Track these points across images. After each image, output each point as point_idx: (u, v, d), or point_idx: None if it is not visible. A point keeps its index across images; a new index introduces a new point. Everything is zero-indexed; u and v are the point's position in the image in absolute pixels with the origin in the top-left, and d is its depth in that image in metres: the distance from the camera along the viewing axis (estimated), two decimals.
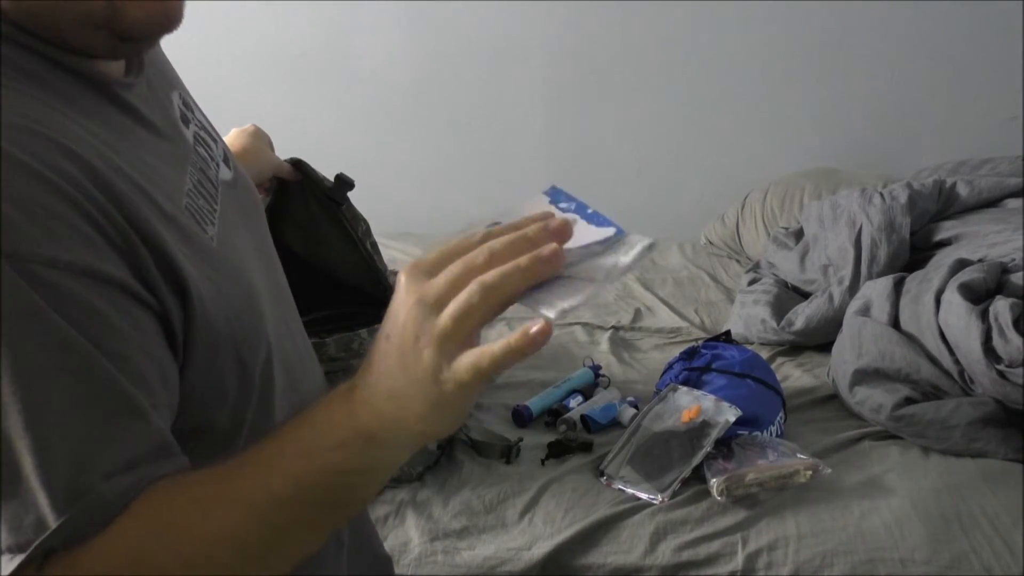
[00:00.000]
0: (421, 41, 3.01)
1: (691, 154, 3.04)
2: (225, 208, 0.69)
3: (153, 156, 0.62)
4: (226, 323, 0.61)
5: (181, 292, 0.57)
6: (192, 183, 0.65)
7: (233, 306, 0.62)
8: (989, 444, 1.50)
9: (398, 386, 0.53)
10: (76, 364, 0.51)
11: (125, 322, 0.54)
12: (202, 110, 0.81)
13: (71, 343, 0.51)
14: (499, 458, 1.50)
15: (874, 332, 1.70)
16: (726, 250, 2.71)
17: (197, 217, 0.62)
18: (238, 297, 0.64)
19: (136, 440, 0.54)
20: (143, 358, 0.55)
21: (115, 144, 0.58)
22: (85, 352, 0.52)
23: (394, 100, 3.09)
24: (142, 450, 0.54)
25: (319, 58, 3.04)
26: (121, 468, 0.53)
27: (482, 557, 1.31)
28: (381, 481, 0.60)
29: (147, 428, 0.55)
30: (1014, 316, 1.53)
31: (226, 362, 0.62)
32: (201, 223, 0.63)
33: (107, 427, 0.53)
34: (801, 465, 1.43)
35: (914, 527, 1.33)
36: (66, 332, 0.51)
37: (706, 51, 2.91)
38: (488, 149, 3.14)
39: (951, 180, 2.14)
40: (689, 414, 1.51)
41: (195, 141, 0.71)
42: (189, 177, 0.65)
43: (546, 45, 2.97)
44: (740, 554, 1.30)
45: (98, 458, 0.52)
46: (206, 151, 0.72)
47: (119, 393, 0.53)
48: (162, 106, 0.68)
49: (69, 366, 0.51)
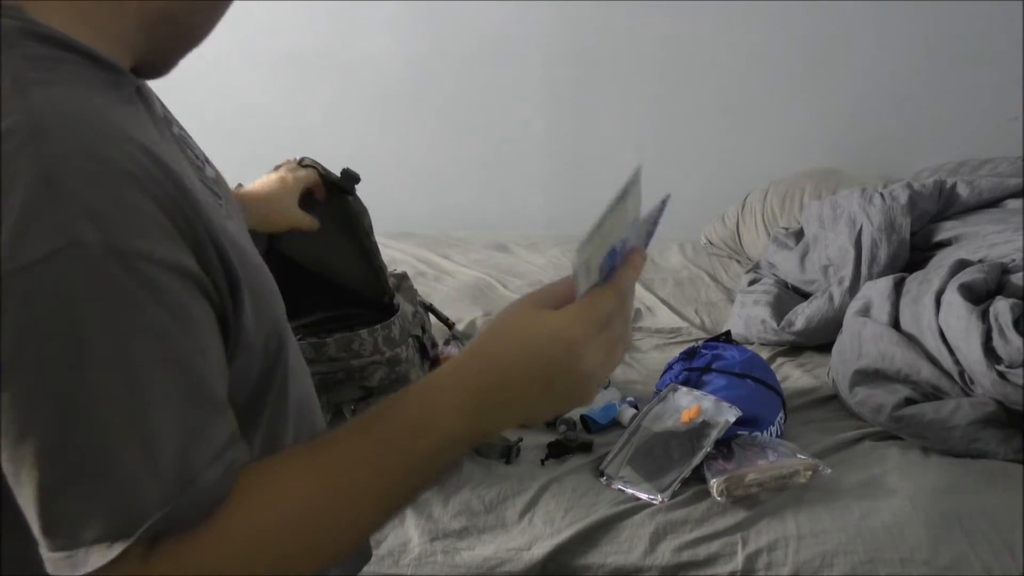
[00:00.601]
0: (421, 41, 3.01)
1: (691, 154, 3.04)
2: (223, 204, 0.71)
3: (175, 154, 0.66)
4: (256, 316, 0.64)
5: (233, 287, 0.60)
6: (199, 180, 0.68)
7: (260, 299, 0.65)
8: (989, 445, 1.50)
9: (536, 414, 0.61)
10: (174, 356, 0.55)
11: (202, 316, 0.57)
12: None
13: (170, 336, 0.54)
14: (499, 458, 1.50)
15: (874, 332, 1.70)
16: (726, 250, 2.71)
17: (214, 214, 0.64)
18: (265, 289, 0.67)
19: (222, 429, 0.57)
20: (215, 351, 0.58)
21: (163, 145, 0.61)
22: (181, 345, 0.55)
23: (394, 99, 3.09)
24: (227, 438, 0.57)
25: (319, 58, 3.05)
26: (215, 456, 0.56)
27: (482, 557, 1.31)
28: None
29: (227, 417, 0.58)
30: (1014, 317, 1.53)
31: (253, 353, 0.65)
32: (222, 217, 0.65)
33: (201, 416, 0.56)
34: (801, 465, 1.43)
35: (914, 528, 1.33)
36: (167, 325, 0.54)
37: (706, 51, 2.91)
38: (488, 149, 3.14)
39: (951, 180, 2.14)
40: (689, 414, 1.51)
41: (183, 141, 0.74)
42: (195, 173, 0.68)
43: (546, 45, 2.97)
44: (740, 554, 1.30)
45: (198, 447, 0.55)
46: (193, 151, 0.75)
47: (206, 384, 0.57)
48: (159, 107, 0.72)
49: (169, 358, 0.54)
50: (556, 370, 0.58)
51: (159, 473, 0.53)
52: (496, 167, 3.15)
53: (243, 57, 3.03)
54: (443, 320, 1.89)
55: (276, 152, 3.42)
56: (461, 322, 2.09)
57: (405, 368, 1.48)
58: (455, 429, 0.59)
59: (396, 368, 1.45)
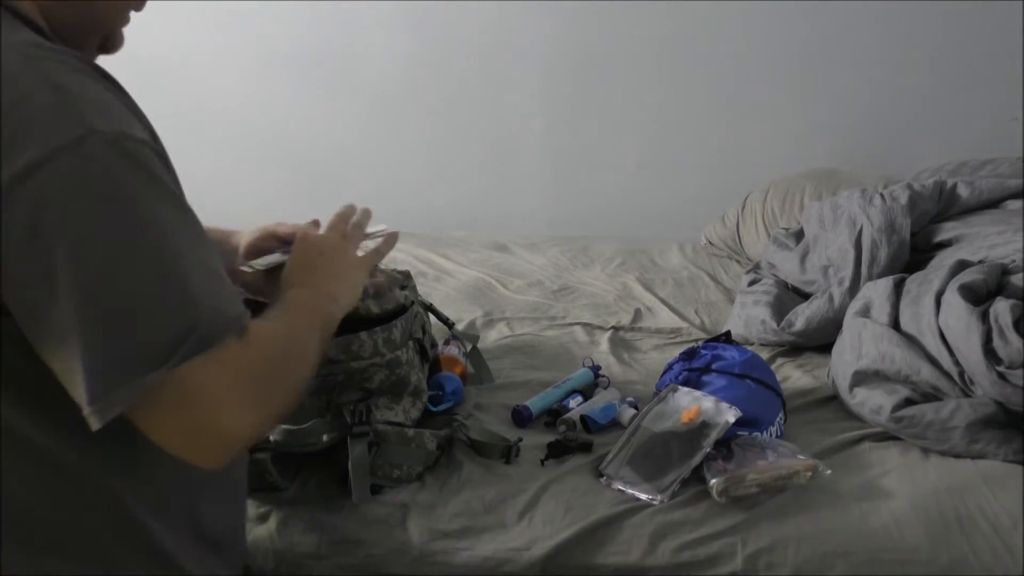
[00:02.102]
0: (421, 41, 3.01)
1: (691, 154, 3.05)
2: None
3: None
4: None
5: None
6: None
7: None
8: (989, 446, 1.50)
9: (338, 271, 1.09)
10: (188, 215, 0.78)
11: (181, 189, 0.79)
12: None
13: (180, 200, 0.78)
14: (499, 458, 1.50)
15: (874, 333, 1.70)
16: (726, 250, 2.71)
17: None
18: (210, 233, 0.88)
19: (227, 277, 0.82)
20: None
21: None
22: (188, 208, 0.78)
23: (394, 99, 3.09)
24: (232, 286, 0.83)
25: (319, 58, 3.04)
26: (234, 291, 0.82)
27: (481, 557, 1.31)
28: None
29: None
30: (1014, 317, 1.53)
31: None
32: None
33: (218, 265, 0.80)
34: (801, 466, 1.43)
35: (914, 528, 1.33)
36: (175, 191, 0.77)
37: (706, 51, 2.91)
38: (488, 149, 3.14)
39: (952, 181, 2.14)
40: (689, 415, 1.51)
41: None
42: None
43: (546, 45, 2.97)
44: (740, 555, 1.30)
45: (222, 282, 0.80)
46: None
47: (209, 240, 0.81)
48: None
49: (184, 217, 0.77)
50: (326, 245, 1.13)
51: (199, 304, 0.74)
52: (496, 167, 3.15)
53: (243, 57, 3.03)
54: (443, 320, 1.89)
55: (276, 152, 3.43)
56: (461, 322, 2.09)
57: (405, 370, 1.47)
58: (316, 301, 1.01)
59: (396, 371, 1.45)
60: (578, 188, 3.14)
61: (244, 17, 2.94)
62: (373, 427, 1.41)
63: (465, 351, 1.83)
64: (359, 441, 1.38)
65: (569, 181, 3.14)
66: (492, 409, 1.68)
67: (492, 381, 1.81)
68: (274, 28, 2.99)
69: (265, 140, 3.13)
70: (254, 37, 3.00)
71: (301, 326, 0.93)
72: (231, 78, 3.02)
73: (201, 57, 2.95)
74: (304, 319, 0.94)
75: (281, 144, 3.14)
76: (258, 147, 3.13)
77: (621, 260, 2.62)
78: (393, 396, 1.48)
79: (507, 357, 1.94)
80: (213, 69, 2.99)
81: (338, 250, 1.11)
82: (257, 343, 0.80)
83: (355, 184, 3.16)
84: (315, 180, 3.18)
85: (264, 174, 3.15)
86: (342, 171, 3.17)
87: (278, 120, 3.12)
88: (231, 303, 0.78)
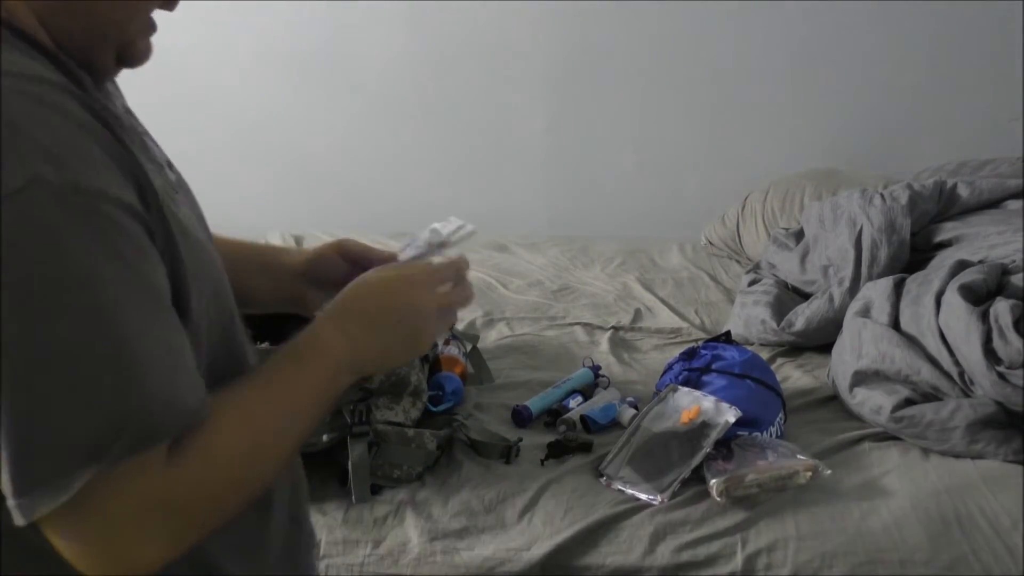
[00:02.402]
0: (422, 41, 3.01)
1: (691, 154, 3.04)
2: (181, 203, 0.74)
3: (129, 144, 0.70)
4: (198, 291, 0.68)
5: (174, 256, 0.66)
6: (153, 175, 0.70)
7: (207, 279, 0.71)
8: (989, 446, 1.50)
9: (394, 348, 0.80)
10: (142, 281, 0.62)
11: (153, 252, 0.63)
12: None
13: (135, 264, 0.61)
14: (498, 458, 1.50)
15: (874, 333, 1.70)
16: (726, 251, 2.71)
17: (166, 199, 0.69)
18: (212, 272, 0.73)
19: (192, 357, 0.66)
20: (167, 286, 0.64)
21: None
22: (146, 273, 0.62)
23: (395, 100, 3.09)
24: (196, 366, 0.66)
25: (320, 58, 3.04)
26: (195, 378, 0.65)
27: (481, 557, 1.31)
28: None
29: (191, 353, 0.66)
30: (1014, 318, 1.53)
31: (200, 329, 0.70)
32: (173, 203, 0.70)
33: (176, 339, 0.64)
34: (801, 466, 1.43)
35: (914, 529, 1.33)
36: (130, 254, 0.61)
37: (707, 51, 2.91)
38: (489, 149, 3.14)
39: (952, 181, 2.14)
40: (689, 415, 1.51)
41: (143, 143, 0.75)
42: (152, 172, 0.70)
43: (547, 45, 2.97)
44: (739, 555, 1.30)
45: (178, 367, 0.63)
46: (155, 152, 0.76)
47: (171, 311, 0.64)
48: (120, 105, 0.76)
49: (139, 283, 0.61)
50: (398, 299, 0.79)
51: (141, 393, 0.60)
52: (496, 167, 3.14)
53: (243, 57, 3.03)
54: None
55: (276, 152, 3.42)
56: (461, 322, 2.09)
57: (405, 370, 1.48)
58: (345, 362, 0.76)
59: (396, 371, 1.46)
60: (578, 188, 3.14)
61: (244, 16, 2.94)
62: (373, 427, 1.41)
63: (465, 351, 1.83)
64: (359, 441, 1.38)
65: (569, 181, 3.13)
66: (492, 409, 1.68)
67: (492, 381, 1.81)
68: (274, 27, 2.99)
69: (265, 140, 3.13)
70: (254, 36, 3.00)
71: (286, 408, 0.73)
72: (230, 78, 3.02)
73: (200, 56, 2.95)
74: (302, 393, 0.74)
75: (281, 144, 3.14)
76: (258, 147, 3.13)
77: (621, 260, 2.62)
78: (393, 396, 1.48)
79: (507, 357, 1.94)
80: (212, 68, 2.99)
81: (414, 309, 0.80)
82: (204, 455, 0.65)
83: (355, 184, 3.16)
84: (315, 180, 3.17)
85: (264, 174, 3.15)
86: (342, 171, 3.17)
87: (278, 120, 3.12)
88: (188, 392, 0.63)
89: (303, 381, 0.74)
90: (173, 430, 0.62)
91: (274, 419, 0.72)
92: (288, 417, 0.73)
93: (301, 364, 0.75)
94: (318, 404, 0.76)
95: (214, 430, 0.66)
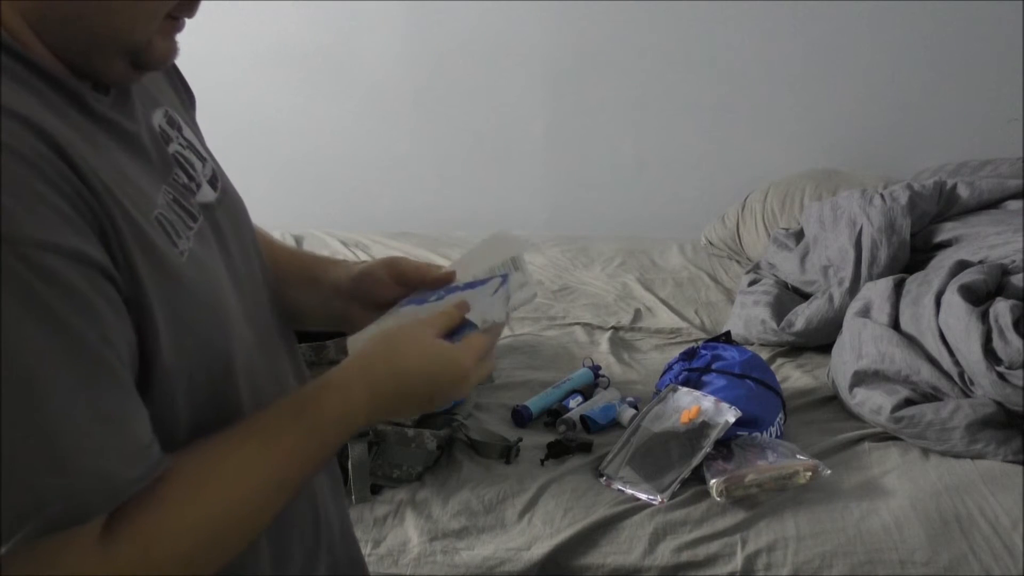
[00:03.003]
0: (422, 41, 3.01)
1: (691, 154, 3.04)
2: (203, 228, 0.68)
3: (125, 165, 0.63)
4: (175, 336, 0.61)
5: (142, 304, 0.58)
6: (166, 199, 0.65)
7: (191, 323, 0.63)
8: (989, 446, 1.50)
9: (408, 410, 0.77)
10: (74, 345, 0.53)
11: (106, 305, 0.55)
12: (197, 128, 0.80)
13: (69, 325, 0.53)
14: (498, 458, 1.50)
15: (874, 333, 1.70)
16: (726, 251, 2.71)
17: (168, 230, 0.63)
18: (201, 314, 0.64)
19: (143, 423, 0.58)
20: (123, 343, 0.57)
21: (85, 146, 0.59)
22: (81, 334, 0.53)
23: (395, 100, 3.09)
24: (147, 433, 0.58)
25: (320, 58, 3.04)
26: (137, 448, 0.57)
27: (481, 557, 1.31)
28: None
29: (145, 413, 0.58)
30: (1014, 318, 1.53)
31: (176, 378, 0.62)
32: (172, 237, 0.63)
33: (119, 416, 0.56)
34: (801, 466, 1.43)
35: (913, 529, 1.33)
36: (64, 313, 0.52)
37: (707, 51, 2.91)
38: (488, 149, 3.14)
39: (952, 181, 2.14)
40: (689, 415, 1.51)
41: (175, 159, 0.70)
42: (163, 193, 0.65)
43: (546, 45, 2.97)
44: (739, 555, 1.30)
45: (112, 439, 0.55)
46: (187, 170, 0.71)
47: (112, 372, 0.56)
48: (140, 122, 0.68)
49: (69, 347, 0.53)
50: (444, 387, 0.74)
51: (63, 468, 0.52)
52: (496, 167, 3.14)
53: (243, 57, 3.03)
54: None
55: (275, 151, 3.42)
56: None
57: None
58: (361, 422, 0.70)
59: None
60: (578, 188, 3.14)
61: (244, 16, 2.94)
62: (373, 427, 1.41)
63: None
64: (359, 441, 1.38)
65: (569, 181, 3.14)
66: (492, 409, 1.68)
67: (492, 381, 1.81)
68: (274, 27, 2.99)
69: (264, 140, 3.13)
70: (254, 36, 3.00)
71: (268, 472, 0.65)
72: (230, 78, 3.02)
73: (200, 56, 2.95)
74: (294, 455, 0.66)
75: (281, 144, 3.14)
76: (257, 147, 3.13)
77: (621, 260, 2.62)
78: None
79: (507, 357, 1.94)
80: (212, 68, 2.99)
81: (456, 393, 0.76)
82: (147, 531, 0.58)
83: (355, 184, 3.16)
84: (315, 180, 3.17)
85: (263, 174, 3.15)
86: (342, 171, 3.17)
87: (278, 120, 3.12)
88: (124, 464, 0.56)
89: (299, 442, 0.66)
90: (103, 505, 0.55)
91: (246, 486, 0.63)
92: (268, 485, 0.65)
93: (299, 420, 0.67)
94: (313, 466, 0.68)
95: (163, 500, 0.58)
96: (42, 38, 0.59)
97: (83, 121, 0.61)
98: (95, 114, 0.62)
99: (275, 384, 0.76)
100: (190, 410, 0.64)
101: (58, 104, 0.59)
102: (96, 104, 0.63)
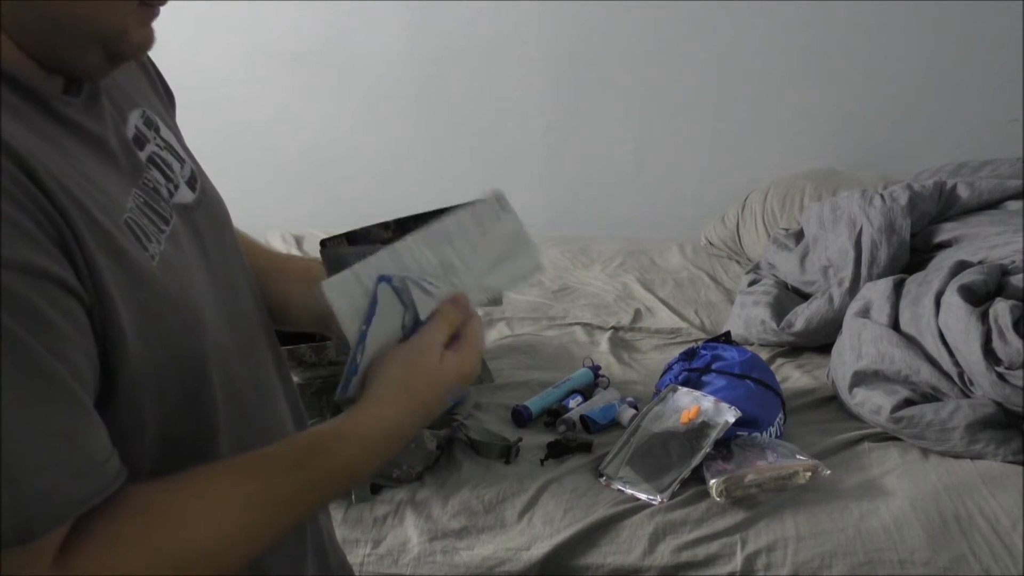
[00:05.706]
0: (422, 41, 3.01)
1: (691, 154, 3.04)
2: (177, 230, 0.67)
3: (92, 170, 0.61)
4: (144, 343, 0.60)
5: (102, 302, 0.57)
6: (136, 203, 0.64)
7: (162, 328, 0.62)
8: (988, 446, 1.50)
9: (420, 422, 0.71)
10: (23, 363, 0.51)
11: (62, 321, 0.53)
12: (177, 129, 0.78)
13: (19, 341, 0.51)
14: (498, 458, 1.50)
15: (874, 334, 1.70)
16: (726, 251, 2.71)
17: (138, 233, 0.62)
18: (172, 319, 0.63)
19: (97, 438, 0.56)
20: (81, 357, 0.55)
21: (51, 154, 0.57)
22: (33, 351, 0.52)
23: (393, 99, 3.09)
24: (102, 449, 0.56)
25: (320, 58, 3.04)
26: (89, 464, 0.55)
27: (481, 557, 1.31)
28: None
29: (101, 429, 0.56)
30: (1014, 318, 1.53)
31: (144, 384, 0.61)
32: (142, 241, 0.62)
33: (70, 433, 0.54)
34: (800, 466, 1.43)
35: (913, 529, 1.33)
36: (13, 330, 0.50)
37: (707, 51, 2.91)
38: (489, 148, 3.14)
39: (952, 182, 2.14)
40: (688, 415, 1.51)
41: (149, 161, 0.69)
42: (133, 196, 0.64)
43: (547, 45, 2.97)
44: (739, 555, 1.30)
45: (72, 464, 0.54)
46: (163, 172, 0.70)
47: (67, 391, 0.54)
48: (110, 123, 0.67)
49: (17, 364, 0.51)
50: (454, 393, 0.72)
51: (8, 484, 0.51)
52: (496, 167, 3.14)
53: (243, 57, 3.03)
54: None
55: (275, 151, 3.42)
56: None
57: None
58: (373, 468, 0.68)
59: None
60: (578, 188, 3.14)
61: (243, 16, 2.94)
62: None
63: None
64: None
65: (569, 181, 3.13)
66: (492, 409, 1.68)
67: (492, 381, 1.81)
68: (274, 28, 2.99)
69: (264, 140, 3.13)
70: (253, 36, 3.00)
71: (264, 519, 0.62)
72: (230, 77, 3.02)
73: (199, 56, 2.96)
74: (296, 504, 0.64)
75: (280, 144, 3.15)
76: (257, 146, 3.13)
77: (621, 260, 2.62)
78: None
79: (507, 357, 1.94)
80: (211, 68, 2.99)
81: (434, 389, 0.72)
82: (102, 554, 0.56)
83: (355, 184, 3.16)
84: (315, 180, 3.17)
85: (263, 174, 3.15)
86: (341, 171, 3.17)
87: (277, 120, 3.12)
88: (74, 483, 0.54)
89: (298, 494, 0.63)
90: (49, 523, 0.53)
91: (221, 530, 0.60)
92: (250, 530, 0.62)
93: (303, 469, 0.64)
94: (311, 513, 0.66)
95: (120, 537, 0.57)
96: (13, 34, 0.57)
97: (50, 127, 0.60)
98: (63, 119, 0.61)
99: (255, 390, 0.75)
100: (158, 417, 0.62)
101: (24, 112, 0.58)
102: (64, 109, 0.61)
